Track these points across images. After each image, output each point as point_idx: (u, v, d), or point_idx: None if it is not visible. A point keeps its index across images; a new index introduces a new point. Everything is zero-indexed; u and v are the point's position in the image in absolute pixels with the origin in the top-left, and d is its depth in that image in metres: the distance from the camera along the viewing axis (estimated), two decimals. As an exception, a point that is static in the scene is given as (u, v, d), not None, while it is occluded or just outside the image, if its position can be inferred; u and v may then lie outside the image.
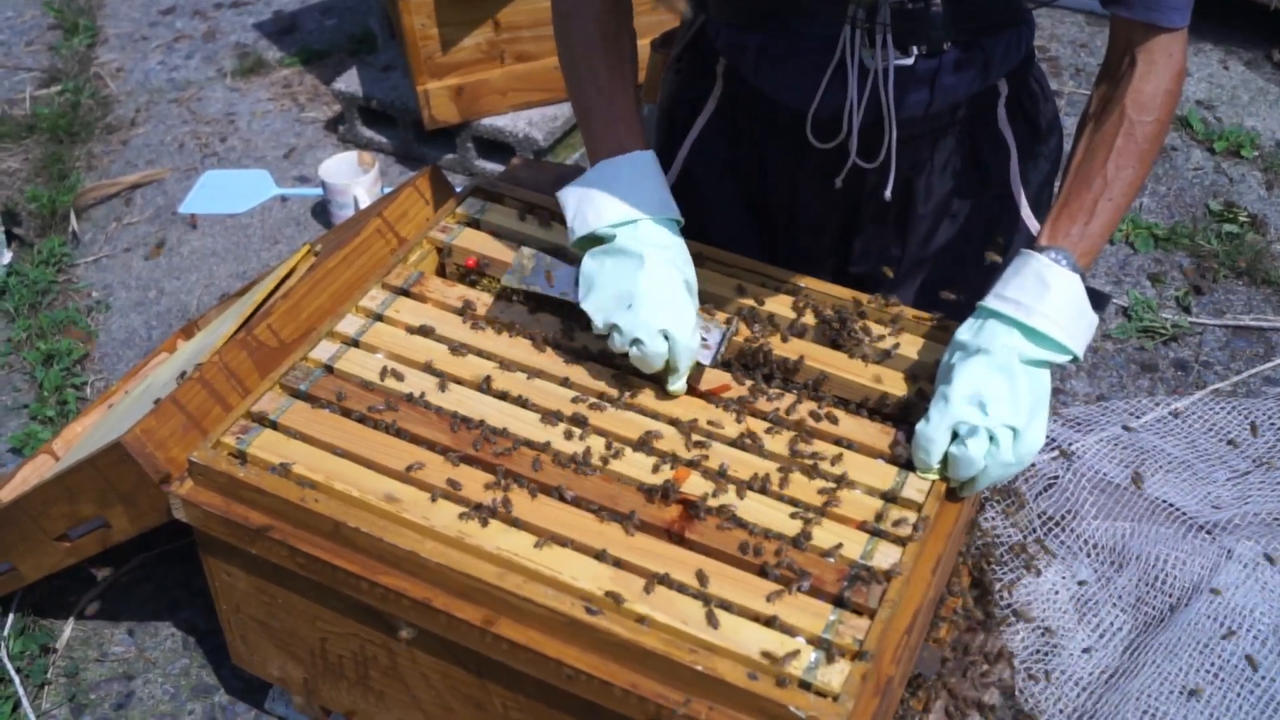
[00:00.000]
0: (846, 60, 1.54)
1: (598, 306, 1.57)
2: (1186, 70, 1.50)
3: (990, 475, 1.48)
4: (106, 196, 3.31)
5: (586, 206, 1.59)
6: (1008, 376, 1.46)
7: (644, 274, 1.54)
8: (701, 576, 1.42)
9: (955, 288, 1.75)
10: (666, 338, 1.54)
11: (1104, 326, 2.75)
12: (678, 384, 1.62)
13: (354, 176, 3.12)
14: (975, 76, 1.62)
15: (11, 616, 2.20)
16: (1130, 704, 1.94)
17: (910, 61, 1.55)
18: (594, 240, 1.60)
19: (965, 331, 1.52)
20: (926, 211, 1.73)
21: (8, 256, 3.03)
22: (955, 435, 1.48)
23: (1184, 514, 2.22)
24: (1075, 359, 1.49)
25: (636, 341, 1.54)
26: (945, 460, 1.51)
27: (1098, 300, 1.51)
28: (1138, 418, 2.45)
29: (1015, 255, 1.53)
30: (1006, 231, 1.76)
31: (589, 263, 1.60)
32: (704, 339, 1.64)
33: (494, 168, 3.23)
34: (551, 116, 3.22)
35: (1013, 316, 1.47)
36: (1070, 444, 2.34)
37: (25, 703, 2.08)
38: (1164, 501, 2.24)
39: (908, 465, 1.56)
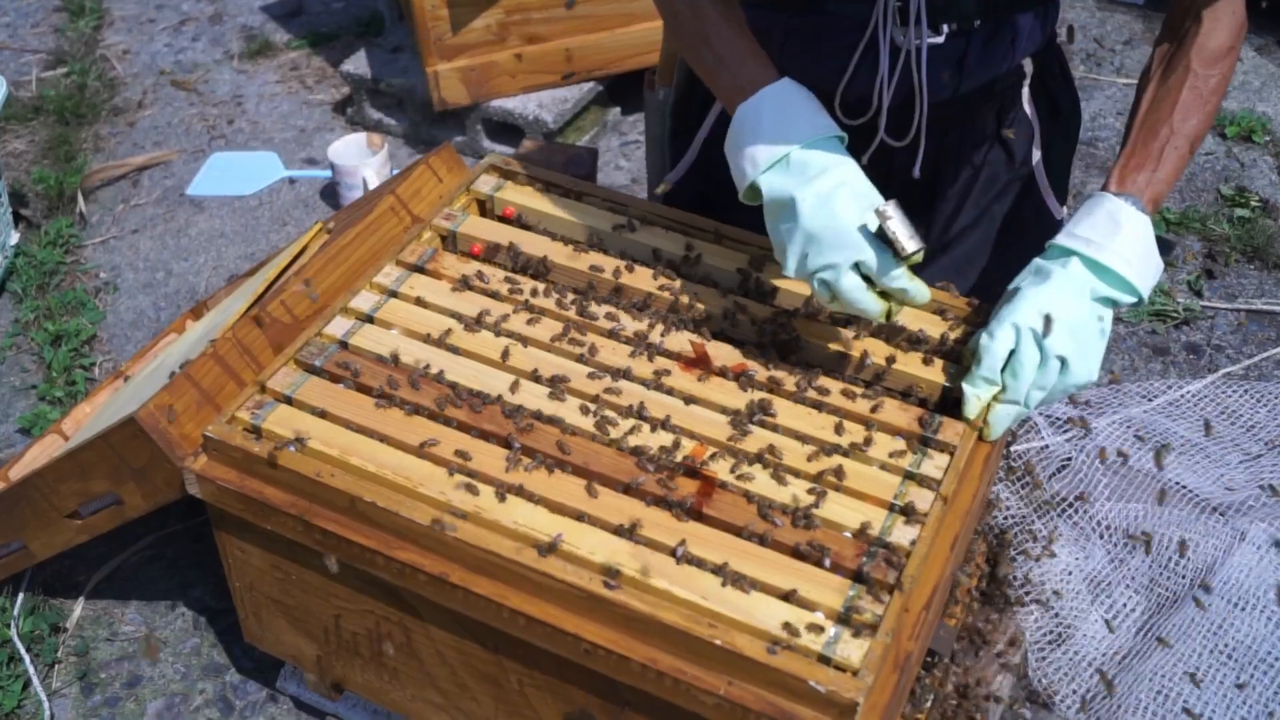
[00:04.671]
0: (879, 39, 1.54)
1: (783, 262, 1.49)
2: (1246, 24, 1.52)
3: (1031, 385, 1.49)
4: (114, 178, 3.30)
5: (739, 160, 1.51)
6: (1075, 300, 1.47)
7: (802, 215, 1.44)
8: (720, 551, 1.42)
9: (978, 270, 1.74)
10: (856, 267, 1.45)
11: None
12: (914, 290, 1.47)
13: (363, 158, 3.12)
14: (1004, 55, 1.61)
15: (22, 595, 2.19)
16: (1143, 685, 1.94)
17: (941, 40, 1.55)
18: (756, 192, 1.52)
19: (1041, 260, 1.52)
20: (953, 192, 1.72)
21: (15, 237, 3.02)
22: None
23: (1197, 496, 2.21)
24: (1140, 300, 1.50)
25: (824, 284, 1.46)
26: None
27: (1163, 246, 1.51)
28: (1150, 400, 2.44)
29: (1087, 198, 1.53)
30: (1028, 212, 1.75)
31: (768, 227, 1.53)
32: (893, 234, 1.44)
33: (503, 150, 3.22)
34: (561, 98, 3.21)
35: (1084, 253, 1.48)
36: (1084, 426, 2.33)
37: (35, 681, 2.08)
38: (1177, 483, 2.23)
39: (926, 442, 1.55)
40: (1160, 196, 1.51)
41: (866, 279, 1.46)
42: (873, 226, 1.43)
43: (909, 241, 1.42)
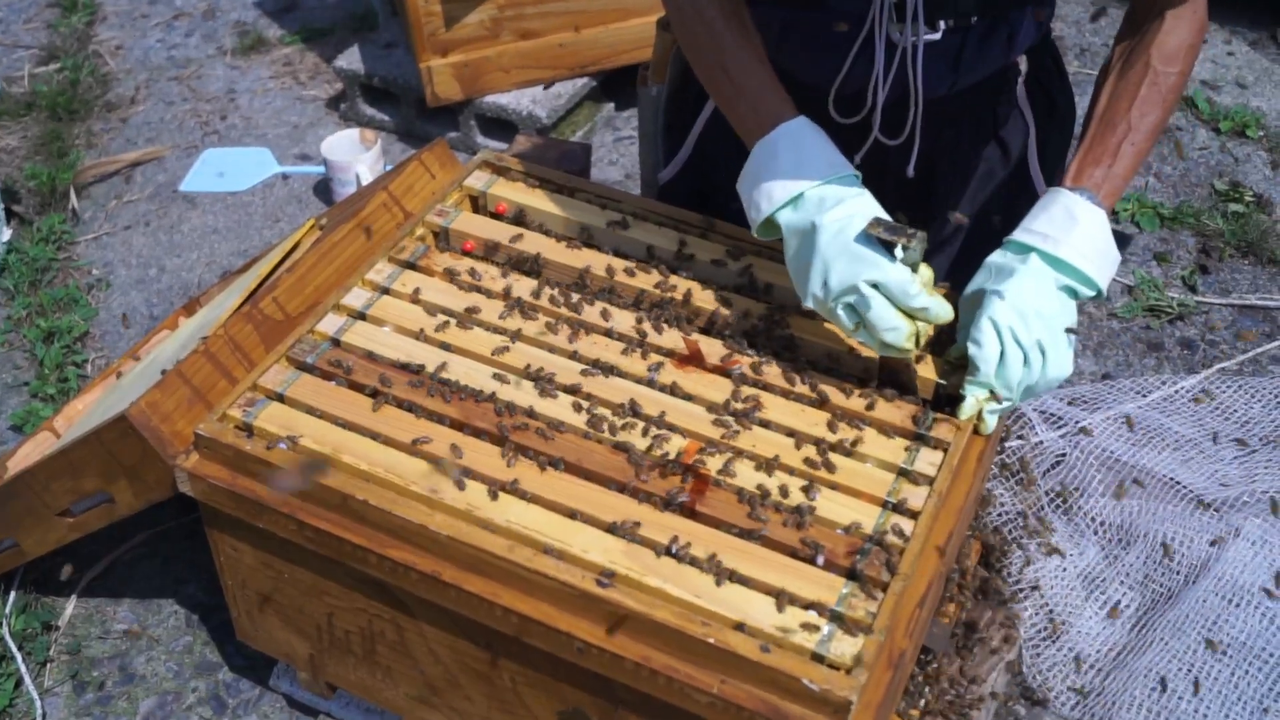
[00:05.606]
0: (875, 35, 1.53)
1: (803, 293, 1.50)
2: (1208, 24, 1.54)
3: (1018, 383, 1.50)
4: (106, 174, 3.29)
5: (754, 195, 1.52)
6: (1045, 295, 1.47)
7: (820, 243, 1.46)
8: (713, 549, 1.42)
9: (974, 266, 1.74)
10: (876, 286, 1.45)
11: (1110, 305, 2.74)
12: (935, 308, 1.47)
13: (356, 154, 3.10)
14: (999, 52, 1.61)
15: (13, 593, 2.19)
16: (1138, 681, 1.94)
17: (937, 36, 1.54)
18: (774, 227, 1.54)
19: (997, 257, 1.52)
20: (948, 190, 1.72)
21: (7, 234, 3.01)
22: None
23: (1191, 492, 2.21)
24: (1099, 294, 1.50)
25: (850, 309, 1.47)
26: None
27: (1120, 240, 1.52)
28: (1144, 396, 2.44)
29: (1043, 194, 1.53)
30: (1024, 208, 1.75)
31: (787, 261, 1.54)
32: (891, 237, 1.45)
33: (497, 145, 3.21)
34: (555, 94, 3.20)
35: (1042, 249, 1.48)
36: (1078, 422, 2.33)
37: (27, 680, 2.07)
38: (1171, 479, 2.23)
39: (919, 439, 1.55)
40: (1117, 191, 1.51)
41: None
42: (877, 244, 1.45)
43: (908, 235, 1.43)
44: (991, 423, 1.55)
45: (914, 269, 1.46)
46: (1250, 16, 3.66)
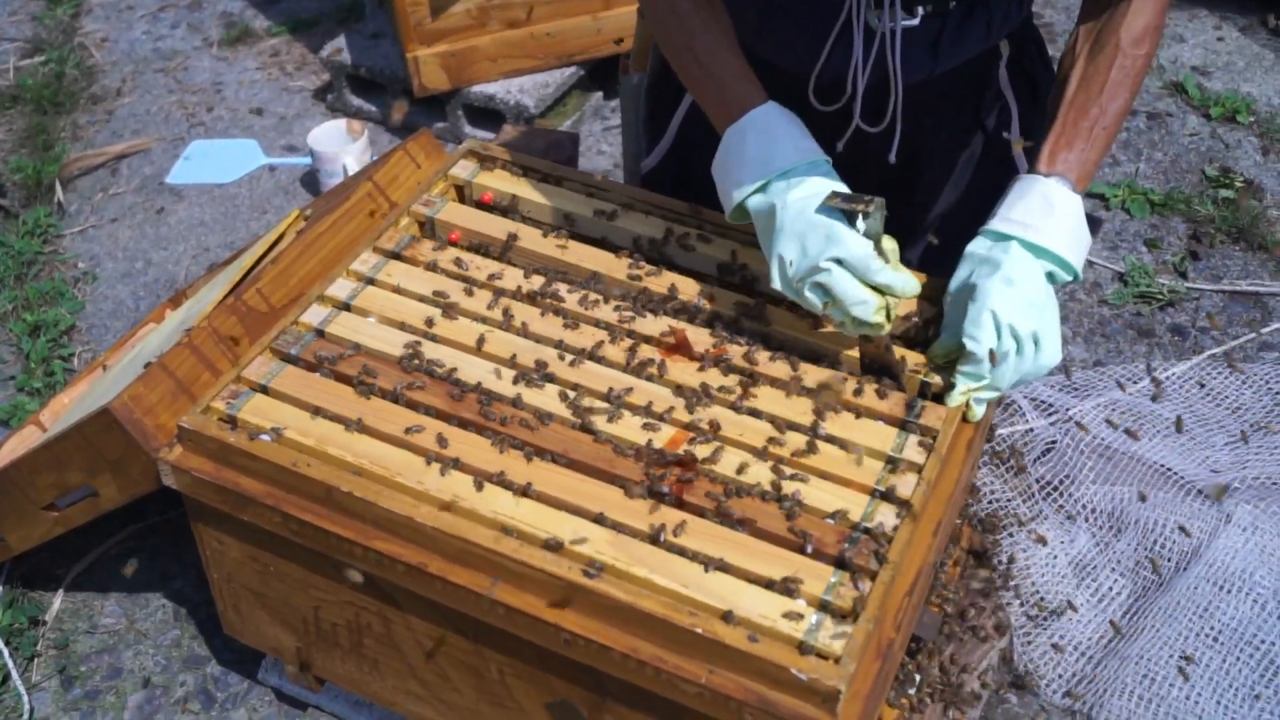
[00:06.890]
0: (853, 21, 1.52)
1: (771, 276, 1.50)
2: (1169, 4, 1.54)
3: (1011, 371, 1.50)
4: (92, 167, 3.27)
5: (724, 182, 1.53)
6: (1034, 284, 1.47)
7: (784, 223, 1.46)
8: (700, 539, 1.41)
9: (958, 250, 1.73)
10: (840, 262, 1.45)
11: (1100, 292, 2.73)
12: (900, 283, 1.46)
13: (343, 145, 3.09)
14: (979, 37, 1.60)
15: (0, 589, 2.17)
16: (1129, 668, 1.94)
17: (916, 22, 1.53)
18: (746, 212, 1.54)
19: (979, 247, 1.52)
20: (932, 176, 1.71)
21: (-8, 227, 3.00)
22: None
23: (1182, 478, 2.20)
24: (1076, 277, 1.51)
25: (818, 288, 1.46)
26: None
27: (1091, 224, 1.53)
28: (1135, 383, 2.43)
29: (1016, 181, 1.53)
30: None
31: (761, 245, 1.53)
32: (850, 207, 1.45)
33: (485, 135, 3.20)
34: (543, 83, 3.18)
35: (1023, 237, 1.48)
36: (1068, 409, 2.32)
37: (15, 675, 2.06)
38: (1162, 466, 2.22)
39: (908, 426, 1.54)
40: (1089, 175, 1.52)
41: None
42: (839, 218, 1.45)
43: (865, 202, 1.43)
44: (979, 411, 1.55)
45: (876, 240, 1.46)
46: (1241, 2, 3.65)
